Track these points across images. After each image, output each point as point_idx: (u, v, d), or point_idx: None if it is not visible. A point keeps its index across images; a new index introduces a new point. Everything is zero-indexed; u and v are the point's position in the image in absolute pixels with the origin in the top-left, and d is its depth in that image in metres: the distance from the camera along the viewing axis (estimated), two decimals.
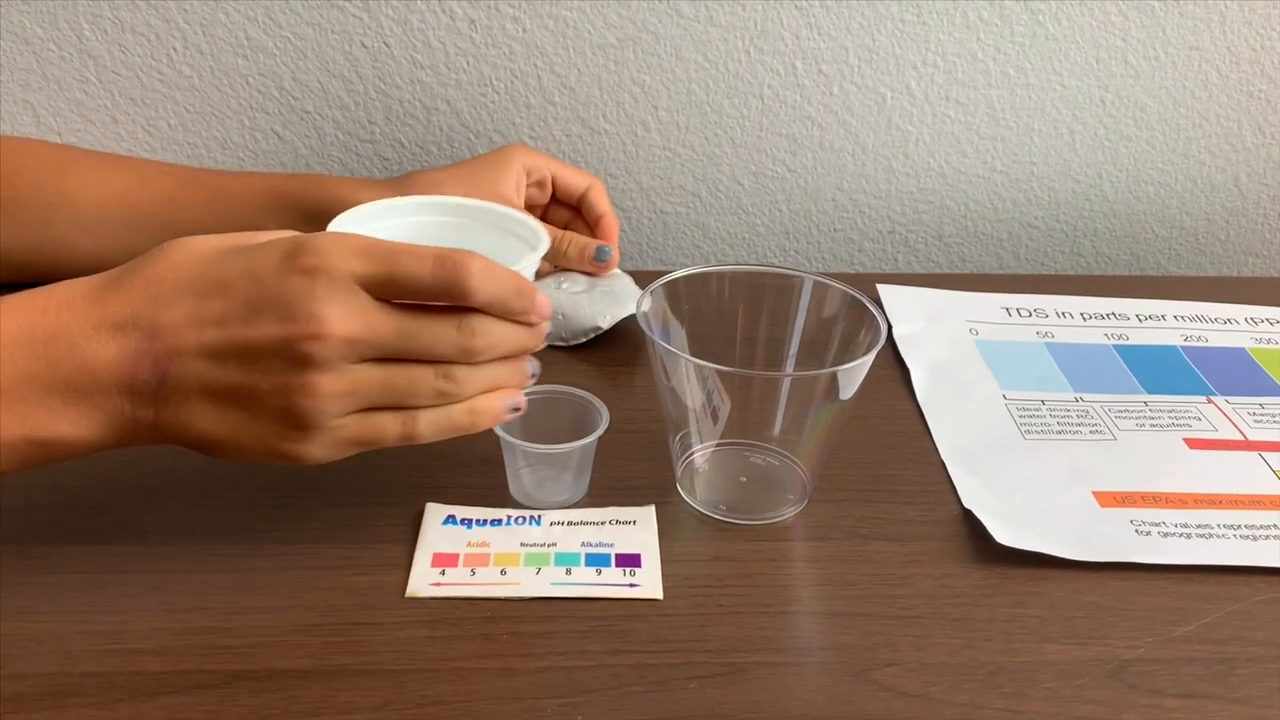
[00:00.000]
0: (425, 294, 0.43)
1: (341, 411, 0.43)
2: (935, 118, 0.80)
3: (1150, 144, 0.82)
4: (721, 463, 0.54)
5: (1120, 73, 0.79)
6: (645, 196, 0.82)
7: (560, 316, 0.64)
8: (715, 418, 0.51)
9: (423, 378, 0.43)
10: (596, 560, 0.49)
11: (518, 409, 0.47)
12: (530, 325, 0.46)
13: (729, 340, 0.55)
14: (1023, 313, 0.72)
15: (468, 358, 0.44)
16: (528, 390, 0.53)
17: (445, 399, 0.44)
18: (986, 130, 0.81)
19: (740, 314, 0.55)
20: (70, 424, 0.42)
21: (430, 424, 0.44)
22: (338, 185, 0.66)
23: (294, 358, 0.41)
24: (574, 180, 0.69)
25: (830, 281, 0.54)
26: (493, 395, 0.46)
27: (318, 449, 0.43)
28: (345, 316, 0.41)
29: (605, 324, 0.64)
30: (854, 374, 0.50)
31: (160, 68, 0.75)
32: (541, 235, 0.54)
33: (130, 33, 0.74)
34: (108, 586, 0.47)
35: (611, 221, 0.69)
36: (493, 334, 0.44)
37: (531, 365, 0.47)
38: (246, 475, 0.54)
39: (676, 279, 0.54)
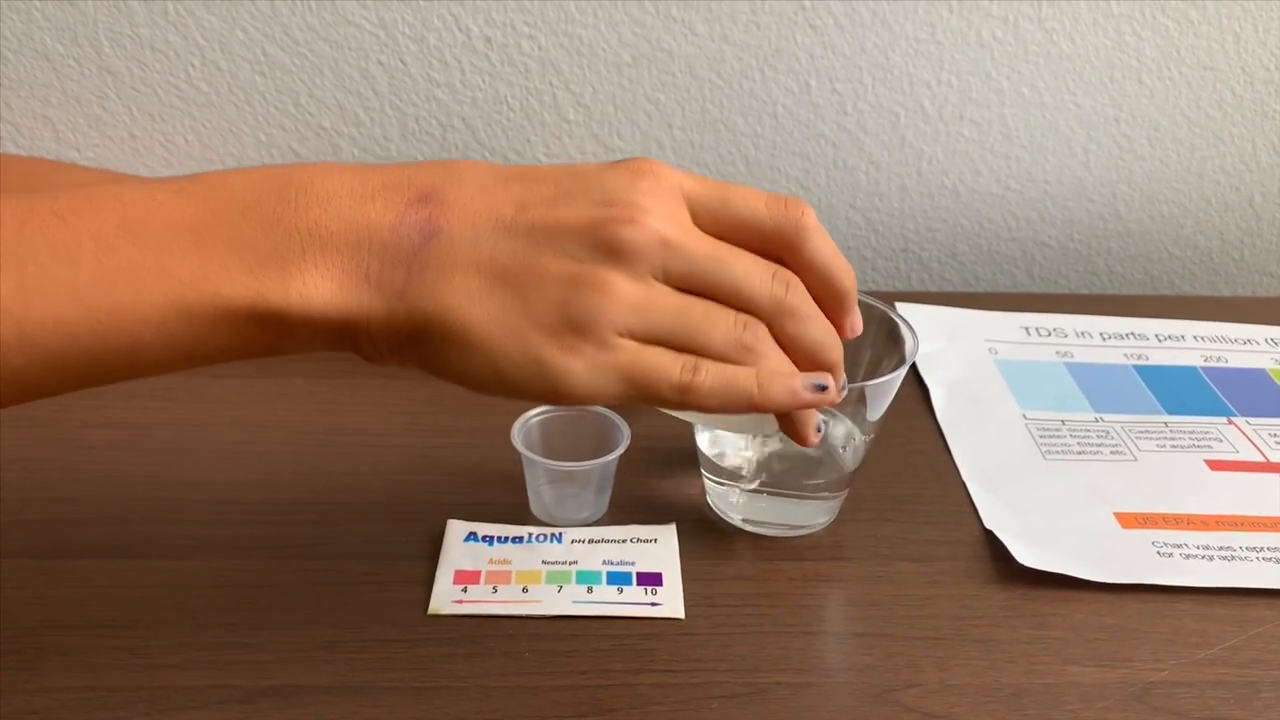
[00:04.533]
0: (756, 227, 0.38)
1: (625, 326, 0.36)
2: (949, 136, 0.80)
3: (1164, 163, 0.83)
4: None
5: (1134, 92, 0.80)
6: None
7: None
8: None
9: (721, 319, 0.37)
10: (618, 578, 0.49)
11: (824, 388, 0.39)
12: (841, 330, 0.40)
13: None
14: (1042, 332, 0.72)
15: (775, 312, 0.38)
16: (543, 410, 0.53)
17: (737, 352, 0.38)
18: (1000, 149, 0.81)
19: None
20: (300, 282, 0.35)
21: (714, 377, 0.37)
22: None
23: (599, 242, 0.36)
24: None
25: (865, 298, 0.53)
26: (788, 372, 0.38)
27: (582, 367, 0.36)
28: (666, 216, 0.37)
29: None
30: (883, 390, 0.50)
31: (178, 84, 0.75)
32: None
33: (149, 49, 0.74)
34: (131, 601, 0.47)
35: None
36: (807, 301, 0.39)
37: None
38: (269, 490, 0.54)
39: None
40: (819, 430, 0.41)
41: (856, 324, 0.41)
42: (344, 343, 0.37)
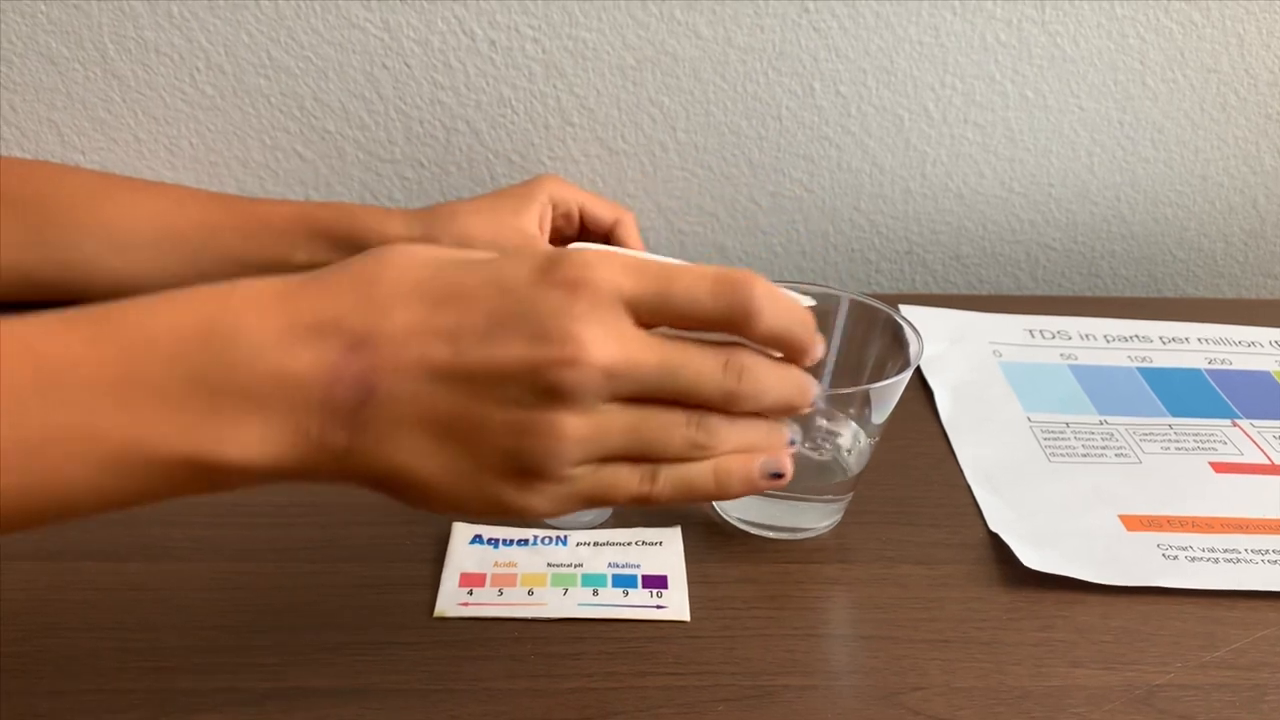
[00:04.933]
0: (702, 319, 0.37)
1: (580, 459, 0.36)
2: (953, 139, 0.80)
3: (1168, 166, 0.83)
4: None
5: (1138, 95, 0.80)
6: (663, 217, 0.82)
7: None
8: None
9: (674, 425, 0.37)
10: (623, 581, 0.49)
11: (780, 475, 0.39)
12: (803, 368, 0.39)
13: None
14: (1046, 334, 0.72)
15: (729, 404, 0.37)
16: None
17: (695, 452, 0.37)
18: (1004, 152, 0.81)
19: None
20: (239, 444, 0.34)
21: (672, 483, 0.37)
22: (366, 215, 0.67)
23: (540, 387, 0.34)
24: (602, 213, 0.69)
25: (869, 300, 0.54)
26: (744, 456, 0.38)
27: (542, 502, 0.36)
28: (607, 341, 0.35)
29: None
30: (888, 393, 0.50)
31: (183, 87, 0.75)
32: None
33: (154, 53, 0.74)
34: (136, 603, 0.47)
35: None
36: (761, 379, 0.38)
37: (792, 429, 0.40)
38: (273, 493, 0.54)
39: None
40: (793, 442, 0.40)
41: (817, 353, 0.39)
42: (292, 481, 0.36)
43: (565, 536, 0.51)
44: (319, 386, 0.34)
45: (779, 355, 0.39)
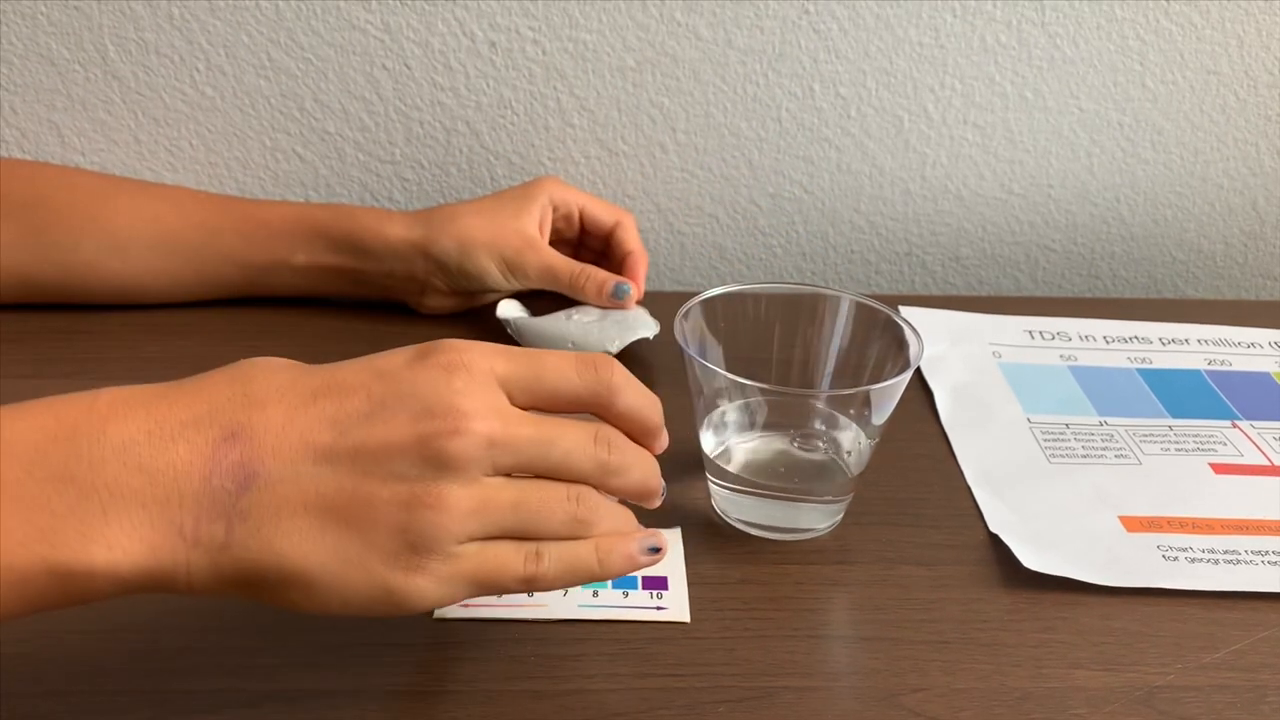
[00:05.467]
0: (570, 396, 0.39)
1: (467, 534, 0.36)
2: (952, 140, 0.81)
3: (1168, 167, 0.83)
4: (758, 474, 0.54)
5: (1138, 96, 0.80)
6: (663, 218, 0.82)
7: (570, 345, 0.64)
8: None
9: (555, 499, 0.38)
10: (623, 583, 0.49)
11: (658, 550, 0.41)
12: (653, 451, 0.42)
13: (764, 360, 0.55)
14: (1045, 335, 0.72)
15: (601, 475, 0.39)
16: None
17: (575, 528, 0.39)
18: (1004, 153, 0.81)
19: (776, 333, 0.55)
20: (104, 545, 0.33)
21: (557, 562, 0.38)
22: (366, 216, 0.67)
23: (427, 458, 0.35)
24: (602, 215, 0.70)
25: (869, 301, 0.54)
26: (622, 536, 0.40)
27: (430, 584, 0.36)
28: (487, 414, 0.36)
29: (614, 349, 0.64)
30: (888, 394, 0.50)
31: (183, 89, 0.75)
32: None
33: (154, 54, 0.74)
34: (137, 605, 0.46)
35: (639, 259, 0.68)
36: (627, 452, 0.40)
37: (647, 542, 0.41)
38: None
39: (714, 297, 0.54)
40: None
41: (663, 443, 0.43)
42: (159, 590, 0.35)
43: None
44: (195, 477, 0.34)
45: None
